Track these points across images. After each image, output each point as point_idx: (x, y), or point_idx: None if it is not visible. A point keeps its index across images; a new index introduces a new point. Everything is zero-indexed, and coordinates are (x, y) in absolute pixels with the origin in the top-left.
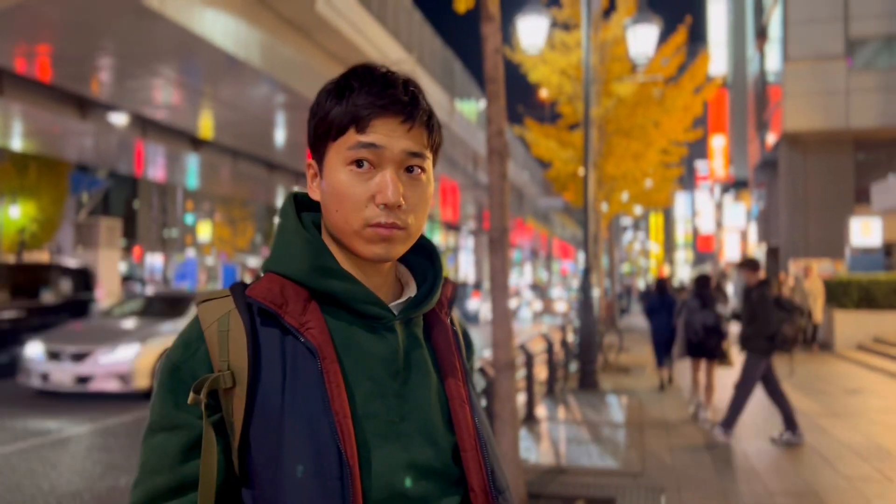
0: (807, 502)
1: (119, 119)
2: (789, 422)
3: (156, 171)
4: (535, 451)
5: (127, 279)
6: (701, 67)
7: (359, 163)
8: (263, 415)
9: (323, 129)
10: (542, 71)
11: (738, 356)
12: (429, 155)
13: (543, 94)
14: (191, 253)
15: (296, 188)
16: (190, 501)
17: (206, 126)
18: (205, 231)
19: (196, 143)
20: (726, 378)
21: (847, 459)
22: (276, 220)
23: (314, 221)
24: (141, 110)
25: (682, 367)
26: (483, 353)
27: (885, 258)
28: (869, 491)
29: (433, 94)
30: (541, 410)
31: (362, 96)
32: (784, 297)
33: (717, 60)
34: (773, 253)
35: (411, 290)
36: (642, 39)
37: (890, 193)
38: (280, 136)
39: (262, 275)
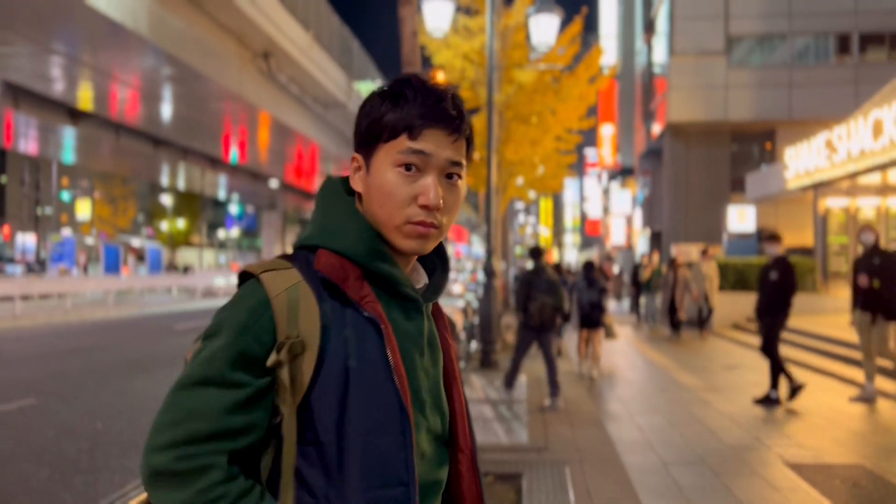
0: (696, 470)
1: None
2: (552, 387)
3: (27, 143)
4: None
5: None
6: (595, 58)
7: (407, 166)
8: (329, 379)
9: (376, 130)
10: (446, 55)
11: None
12: (465, 164)
13: (440, 76)
14: (67, 232)
15: (181, 164)
16: (225, 448)
17: (85, 98)
18: (84, 209)
19: (75, 115)
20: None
21: (729, 429)
22: (319, 201)
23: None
24: (12, 78)
25: (571, 339)
26: None
27: (758, 243)
28: (750, 457)
29: (331, 72)
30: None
31: (417, 107)
32: (550, 278)
33: (608, 51)
34: (656, 237)
35: (422, 277)
36: (544, 28)
37: (762, 183)
38: (167, 110)
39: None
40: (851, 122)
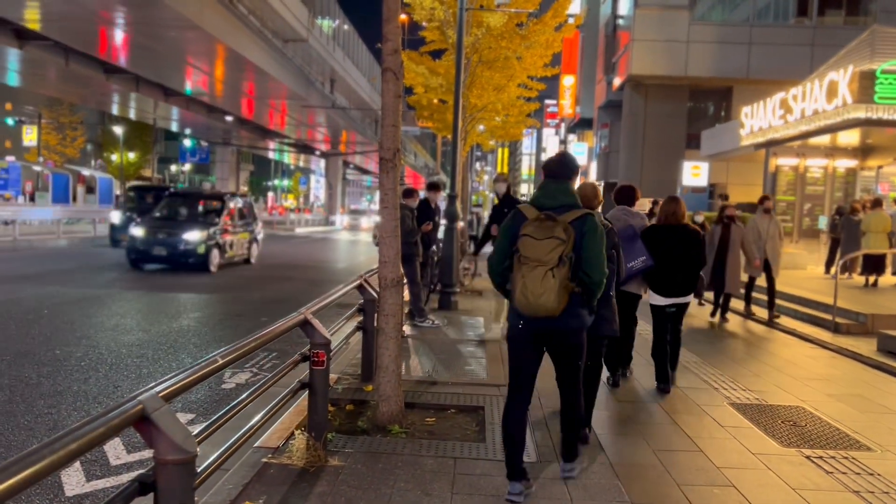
0: (650, 409)
1: None
2: (417, 310)
3: None
4: (406, 365)
5: None
6: (564, 5)
7: None
8: None
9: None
10: None
11: None
12: None
13: (402, 16)
14: (11, 159)
15: (134, 94)
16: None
17: (32, 17)
18: (32, 135)
19: (21, 35)
20: None
21: (679, 372)
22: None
23: None
24: None
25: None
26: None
27: (709, 198)
28: (699, 399)
29: (292, 6)
30: (406, 329)
31: None
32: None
33: (573, 0)
34: (610, 189)
35: None
36: None
37: (717, 140)
38: (119, 35)
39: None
40: (808, 83)
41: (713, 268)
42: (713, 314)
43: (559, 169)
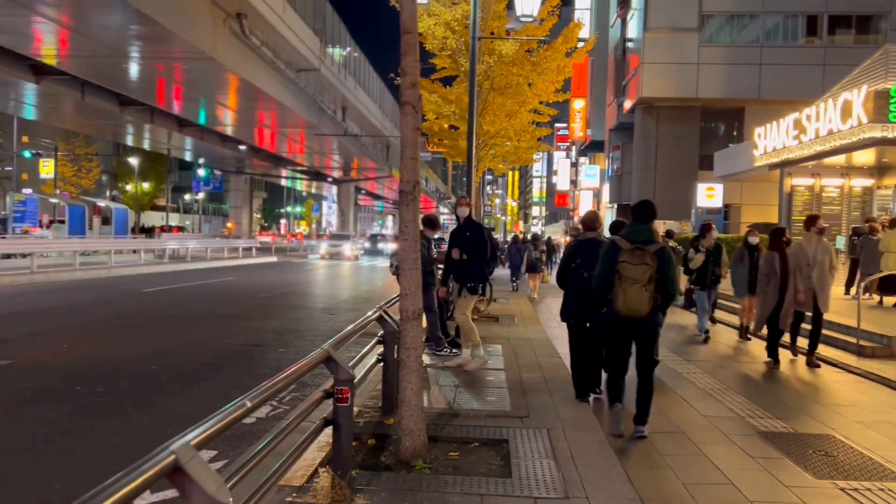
0: (676, 438)
1: None
2: (434, 339)
3: None
4: (426, 396)
5: None
6: (574, 31)
7: None
8: None
9: None
10: (427, 23)
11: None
12: None
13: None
14: (28, 191)
15: (148, 126)
16: None
17: (49, 52)
18: (48, 168)
19: (38, 70)
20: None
21: (704, 401)
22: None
23: None
24: None
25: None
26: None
27: (724, 219)
28: (724, 427)
29: (304, 36)
30: (424, 358)
31: None
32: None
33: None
34: (623, 211)
35: None
36: (528, 1)
37: (730, 161)
38: (134, 69)
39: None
40: (821, 103)
41: (778, 301)
42: (771, 356)
43: (644, 214)
